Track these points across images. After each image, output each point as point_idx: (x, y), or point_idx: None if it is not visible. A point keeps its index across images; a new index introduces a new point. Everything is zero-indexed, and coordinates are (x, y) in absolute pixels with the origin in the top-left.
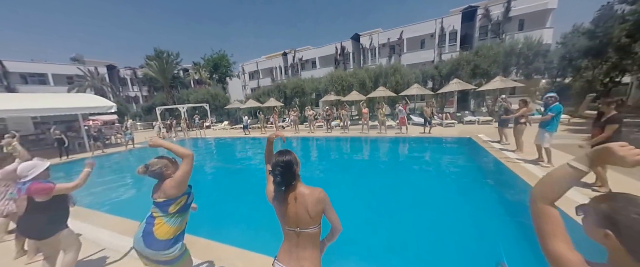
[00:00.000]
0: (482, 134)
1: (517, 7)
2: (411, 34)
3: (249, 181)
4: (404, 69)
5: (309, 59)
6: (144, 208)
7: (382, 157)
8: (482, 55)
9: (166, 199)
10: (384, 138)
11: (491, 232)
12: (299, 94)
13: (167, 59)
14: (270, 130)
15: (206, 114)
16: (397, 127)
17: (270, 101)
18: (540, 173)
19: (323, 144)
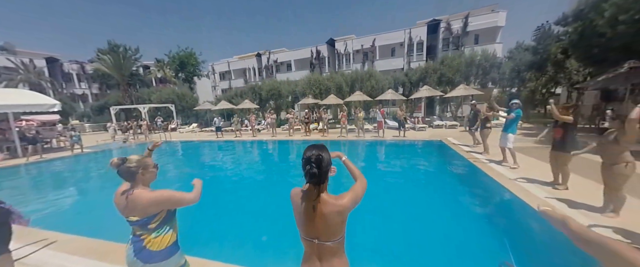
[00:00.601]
0: (451, 138)
1: (473, 23)
2: (383, 42)
3: (225, 187)
4: (379, 74)
5: (284, 62)
6: (107, 222)
7: (364, 159)
8: (447, 64)
9: (141, 218)
10: (363, 141)
11: (472, 228)
12: (275, 97)
13: (124, 54)
14: (246, 133)
15: (171, 115)
16: (374, 130)
17: (244, 103)
18: (506, 172)
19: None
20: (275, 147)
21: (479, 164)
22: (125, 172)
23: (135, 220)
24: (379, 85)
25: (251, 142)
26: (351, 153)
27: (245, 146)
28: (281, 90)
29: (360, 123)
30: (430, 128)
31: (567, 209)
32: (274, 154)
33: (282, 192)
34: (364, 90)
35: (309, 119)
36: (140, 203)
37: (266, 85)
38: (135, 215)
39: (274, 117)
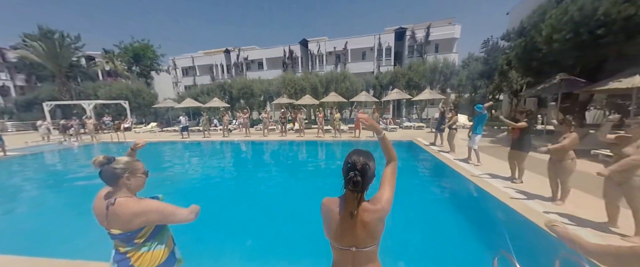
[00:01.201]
0: (420, 138)
1: (434, 33)
2: (354, 45)
3: (195, 192)
4: (353, 76)
5: (256, 60)
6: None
7: (342, 159)
8: (414, 70)
9: (124, 232)
10: (340, 142)
11: (447, 219)
12: (247, 96)
13: (62, 42)
14: (215, 133)
15: (125, 113)
16: (350, 131)
17: (213, 101)
18: (472, 169)
19: (283, 148)
20: (250, 148)
21: (448, 162)
22: (107, 174)
23: (117, 233)
24: (353, 87)
25: (222, 143)
26: (329, 153)
27: (215, 147)
28: (253, 89)
29: (336, 124)
30: (400, 129)
31: (521, 199)
32: (248, 156)
33: (259, 196)
34: (338, 92)
35: (286, 119)
36: (123, 214)
37: (237, 84)
38: (116, 228)
39: (247, 117)
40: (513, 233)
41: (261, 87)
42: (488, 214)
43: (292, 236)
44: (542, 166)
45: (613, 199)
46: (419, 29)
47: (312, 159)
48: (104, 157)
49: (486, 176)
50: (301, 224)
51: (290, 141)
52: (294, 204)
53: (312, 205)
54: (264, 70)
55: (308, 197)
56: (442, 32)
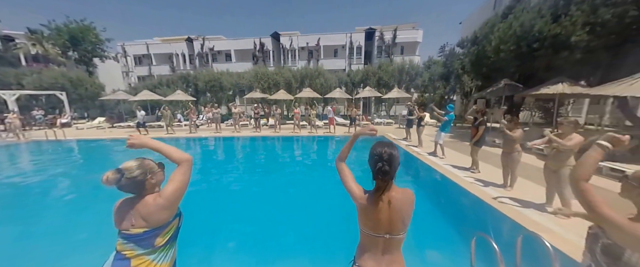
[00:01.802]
0: (390, 133)
1: (400, 36)
2: (327, 42)
3: None
4: (327, 73)
5: (223, 51)
6: None
7: (321, 152)
8: (384, 70)
9: (150, 228)
10: (317, 137)
11: (422, 206)
12: (215, 89)
13: None
14: (180, 129)
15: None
16: (325, 127)
17: (176, 94)
18: (438, 161)
19: (259, 144)
20: (221, 144)
21: (417, 155)
22: (131, 185)
23: (141, 232)
24: (327, 83)
25: (189, 140)
26: (305, 148)
27: (182, 144)
28: (222, 82)
29: (312, 119)
30: (372, 125)
31: (479, 186)
32: (219, 153)
33: (235, 195)
34: (313, 88)
35: (260, 114)
36: (150, 209)
37: (203, 76)
38: (144, 224)
39: (218, 111)
40: (472, 213)
41: (231, 80)
42: (454, 199)
43: (275, 236)
44: (494, 158)
45: (550, 184)
46: (387, 30)
47: (292, 154)
48: (114, 172)
49: (450, 167)
50: (284, 223)
51: (264, 137)
52: (280, 202)
53: (301, 203)
54: (232, 62)
55: (293, 194)
56: (407, 35)
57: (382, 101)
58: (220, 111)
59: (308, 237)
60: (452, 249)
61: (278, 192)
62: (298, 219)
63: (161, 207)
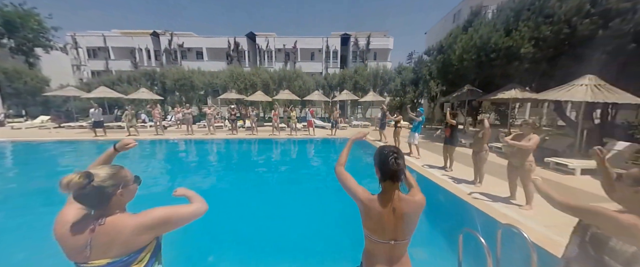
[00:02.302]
0: (368, 136)
1: (373, 43)
2: (304, 45)
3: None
4: (306, 75)
5: (193, 48)
6: None
7: (307, 156)
8: (360, 74)
9: (121, 256)
10: (297, 140)
11: None
12: (186, 88)
13: None
14: (145, 130)
15: None
16: (304, 129)
17: (140, 92)
18: (414, 161)
19: (234, 147)
20: (192, 147)
21: None
22: (93, 196)
23: (109, 262)
24: (306, 85)
25: (154, 143)
26: (284, 150)
27: (144, 146)
28: (194, 80)
29: (292, 122)
30: (350, 127)
31: (454, 184)
32: (191, 156)
33: (209, 201)
34: (292, 90)
35: (236, 116)
36: (123, 232)
37: (172, 73)
38: (110, 254)
39: (190, 112)
40: (448, 208)
41: (203, 79)
42: (431, 196)
43: (255, 246)
44: (464, 157)
45: (513, 179)
46: (361, 37)
47: (271, 156)
48: (80, 175)
49: (425, 166)
50: (266, 230)
51: (241, 140)
52: (262, 207)
53: (283, 208)
54: (204, 60)
55: (276, 198)
56: (379, 42)
57: (358, 104)
58: (192, 112)
59: (289, 243)
60: (436, 244)
61: (258, 196)
62: (279, 225)
63: (142, 228)
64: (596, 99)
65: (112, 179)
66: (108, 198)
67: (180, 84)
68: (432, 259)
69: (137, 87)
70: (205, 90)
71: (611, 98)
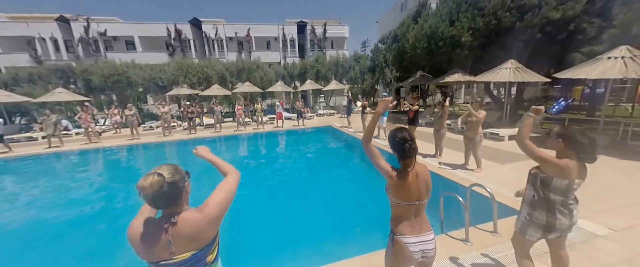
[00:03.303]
0: (335, 123)
1: (329, 31)
2: (258, 33)
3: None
4: (265, 66)
5: (121, 37)
6: None
7: (275, 148)
8: (321, 63)
9: (198, 250)
10: (265, 133)
11: (372, 187)
12: (121, 85)
13: None
14: (71, 140)
15: None
16: (270, 122)
17: (56, 94)
18: (381, 142)
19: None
20: (140, 153)
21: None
22: (169, 195)
23: (188, 257)
24: (267, 77)
25: (87, 154)
26: (252, 145)
27: (73, 160)
28: (130, 76)
29: (258, 115)
30: (316, 116)
31: (421, 159)
32: (140, 164)
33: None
34: (252, 81)
35: (194, 113)
36: (198, 225)
37: (99, 68)
38: (190, 248)
39: (133, 113)
40: None
41: (142, 74)
42: None
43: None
44: (426, 135)
45: (468, 149)
46: (317, 25)
47: (247, 154)
48: (154, 175)
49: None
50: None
51: (203, 140)
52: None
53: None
54: (137, 51)
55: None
56: (335, 30)
57: (321, 93)
58: (136, 113)
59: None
60: None
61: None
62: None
63: (212, 220)
64: (517, 79)
65: (178, 174)
66: (180, 193)
67: (112, 81)
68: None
69: (46, 87)
70: (146, 86)
71: (526, 78)
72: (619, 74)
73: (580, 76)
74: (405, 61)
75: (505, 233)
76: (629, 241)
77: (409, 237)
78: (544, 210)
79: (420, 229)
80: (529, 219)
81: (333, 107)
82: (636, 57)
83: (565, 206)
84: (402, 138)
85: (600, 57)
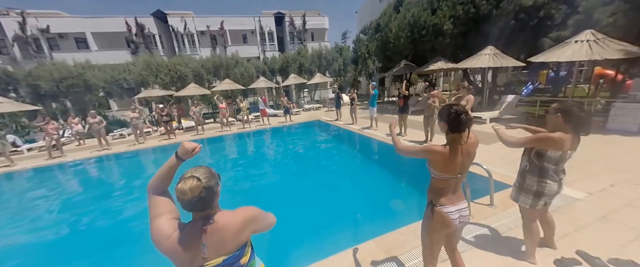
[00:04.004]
0: (323, 117)
1: (309, 22)
2: (232, 26)
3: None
4: (245, 62)
5: (69, 34)
6: None
7: (263, 146)
8: (303, 56)
9: (229, 255)
10: (252, 132)
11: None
12: (79, 90)
13: None
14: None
15: None
16: (255, 120)
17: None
18: (374, 133)
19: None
20: (113, 165)
21: (358, 131)
22: (208, 197)
23: (220, 262)
24: (248, 72)
25: (44, 171)
26: (240, 144)
27: (30, 178)
28: (87, 78)
29: (244, 113)
30: (303, 112)
31: (406, 143)
32: (114, 177)
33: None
34: (232, 78)
35: (169, 117)
36: (232, 228)
37: (48, 71)
38: (223, 251)
39: (97, 121)
40: (406, 163)
41: (102, 75)
42: (386, 157)
43: None
44: (413, 123)
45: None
46: (296, 16)
47: (241, 155)
48: (193, 180)
49: (383, 135)
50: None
51: (176, 144)
52: None
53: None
54: (91, 50)
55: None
56: (315, 21)
57: (305, 87)
58: (101, 120)
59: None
60: (423, 187)
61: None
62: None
63: (240, 230)
64: (496, 64)
65: (214, 178)
66: (215, 197)
67: (66, 86)
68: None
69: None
70: (108, 90)
71: (505, 63)
72: (585, 56)
73: (552, 59)
74: (389, 51)
75: (500, 205)
76: (602, 202)
77: (448, 206)
78: (535, 176)
79: (457, 199)
80: (519, 187)
81: (319, 102)
82: (599, 40)
83: (556, 173)
84: (457, 111)
85: (569, 41)
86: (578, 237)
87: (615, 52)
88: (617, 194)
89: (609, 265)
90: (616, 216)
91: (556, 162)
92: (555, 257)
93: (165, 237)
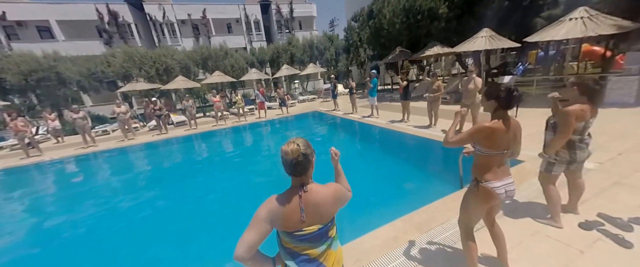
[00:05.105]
0: (320, 107)
1: (296, 10)
2: (216, 14)
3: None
4: (234, 52)
5: (29, 22)
6: None
7: (262, 140)
8: (294, 45)
9: (323, 225)
10: (248, 125)
11: (377, 151)
12: (51, 84)
13: None
14: (17, 157)
15: None
16: (251, 113)
17: None
18: (375, 120)
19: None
20: (100, 164)
21: (358, 119)
22: (305, 162)
23: (316, 230)
24: (238, 64)
25: (25, 171)
26: (237, 138)
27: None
28: (60, 71)
29: (239, 106)
30: (298, 103)
31: (412, 128)
32: (103, 175)
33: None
34: (222, 70)
35: (161, 110)
36: (326, 198)
37: (14, 63)
38: (318, 220)
39: (81, 116)
40: (416, 147)
41: (76, 68)
42: (405, 142)
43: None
44: (417, 109)
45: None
46: (283, 3)
47: (240, 150)
48: (298, 144)
49: (385, 122)
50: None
51: (180, 138)
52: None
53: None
54: (57, 40)
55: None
56: (303, 9)
57: (296, 78)
58: (85, 115)
59: None
60: (437, 169)
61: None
62: None
63: (333, 200)
64: (492, 47)
65: (309, 148)
66: (309, 166)
67: (36, 79)
68: (441, 177)
69: None
70: (83, 84)
71: (500, 44)
72: (580, 33)
73: (547, 38)
74: (383, 38)
75: (515, 177)
76: (613, 170)
77: (493, 182)
78: (566, 149)
79: (503, 174)
80: (555, 159)
81: (312, 92)
82: (593, 16)
83: (582, 142)
84: (508, 88)
85: (563, 19)
86: (597, 201)
87: (608, 27)
88: (626, 162)
89: (631, 224)
90: (628, 181)
91: (580, 133)
92: (580, 221)
93: (270, 202)
